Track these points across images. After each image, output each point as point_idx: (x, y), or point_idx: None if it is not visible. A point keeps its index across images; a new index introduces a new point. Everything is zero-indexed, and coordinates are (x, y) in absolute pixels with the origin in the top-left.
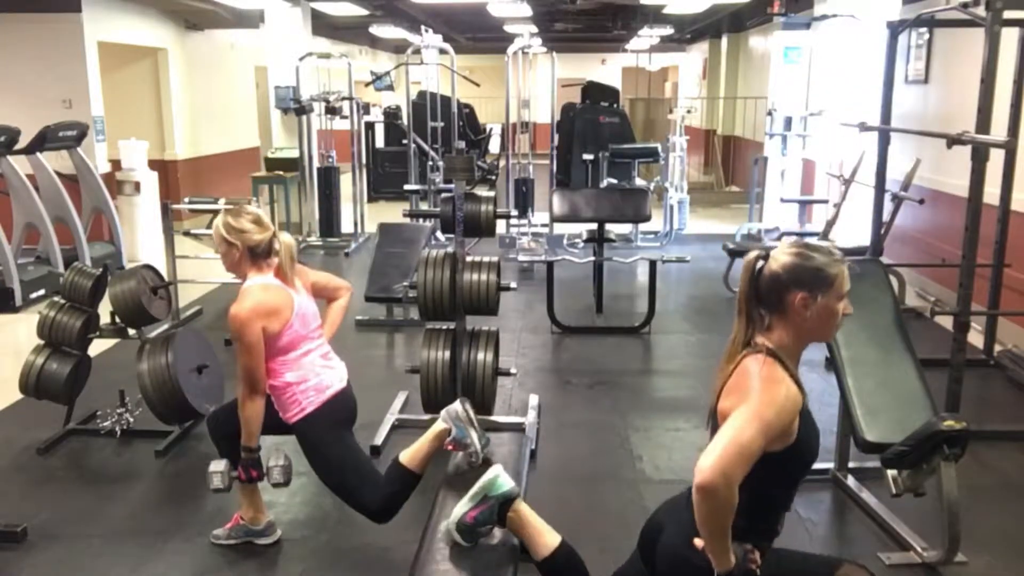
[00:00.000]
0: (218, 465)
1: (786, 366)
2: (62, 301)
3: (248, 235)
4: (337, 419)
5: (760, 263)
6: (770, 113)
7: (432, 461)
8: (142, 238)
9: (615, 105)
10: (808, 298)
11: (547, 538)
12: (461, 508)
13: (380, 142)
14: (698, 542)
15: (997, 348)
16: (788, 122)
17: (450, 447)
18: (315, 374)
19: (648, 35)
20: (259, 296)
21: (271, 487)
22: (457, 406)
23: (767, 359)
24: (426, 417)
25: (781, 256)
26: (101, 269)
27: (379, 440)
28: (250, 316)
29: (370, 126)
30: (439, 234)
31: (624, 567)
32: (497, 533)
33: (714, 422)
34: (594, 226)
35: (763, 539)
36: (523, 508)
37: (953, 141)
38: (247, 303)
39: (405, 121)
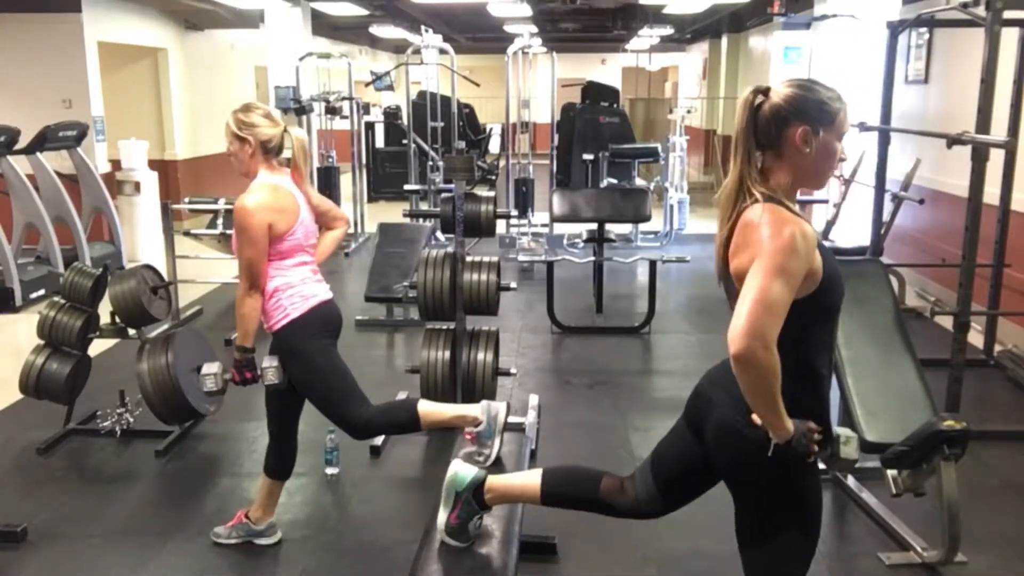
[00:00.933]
0: (211, 367)
1: (790, 208)
2: (62, 301)
3: (260, 130)
4: (321, 326)
5: (760, 98)
6: None
7: (433, 460)
8: (142, 238)
9: (615, 105)
10: (809, 132)
11: (531, 483)
12: (442, 515)
13: (380, 142)
14: (755, 418)
15: (997, 348)
16: None
17: (469, 436)
18: (302, 282)
19: (648, 35)
20: (269, 193)
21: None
22: (501, 410)
23: (767, 205)
24: None
25: (783, 89)
26: (101, 269)
27: (379, 440)
28: (257, 208)
29: (370, 126)
30: (439, 234)
31: (670, 441)
32: (497, 532)
33: (727, 283)
34: (594, 226)
35: (817, 399)
36: (496, 482)
37: (953, 141)
38: (256, 197)
39: (405, 121)
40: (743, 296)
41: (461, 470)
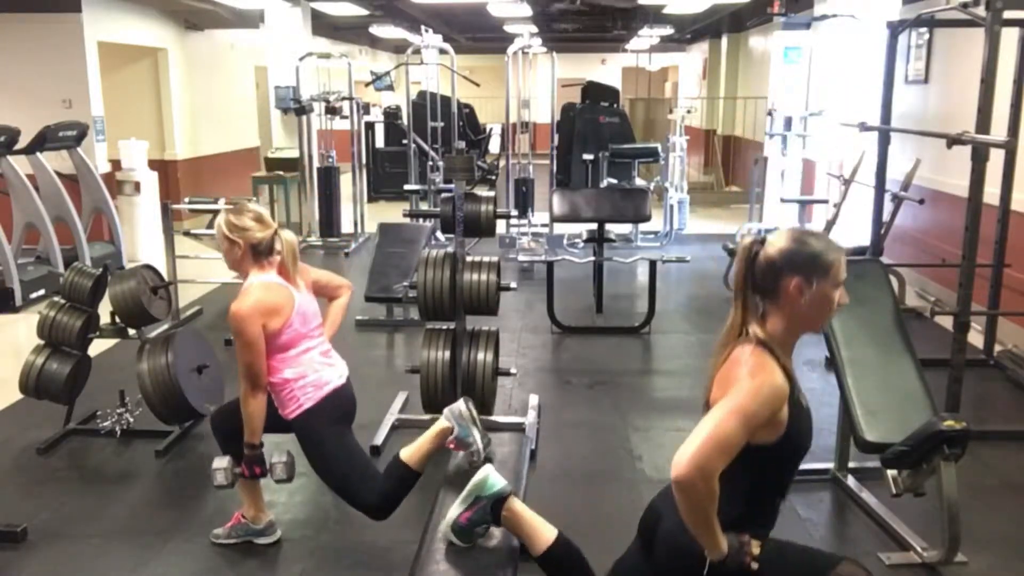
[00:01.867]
0: (221, 462)
1: (776, 356)
2: (62, 301)
3: (250, 233)
4: (336, 415)
5: (756, 248)
6: (770, 113)
7: (432, 460)
8: (142, 238)
9: (615, 105)
10: (803, 284)
11: (544, 533)
12: (455, 511)
13: (380, 142)
14: None
15: (997, 348)
16: (788, 122)
17: (452, 446)
18: (314, 371)
19: (648, 35)
20: (260, 294)
21: (274, 484)
22: (460, 405)
23: (755, 349)
24: (426, 417)
25: (777, 241)
26: (101, 269)
27: (379, 440)
28: (251, 313)
29: (370, 126)
30: (439, 234)
31: (624, 556)
32: (496, 533)
33: (707, 407)
34: (594, 226)
35: (758, 528)
36: (517, 505)
37: (953, 141)
38: (248, 301)
39: (405, 121)
40: (701, 425)
41: (492, 476)
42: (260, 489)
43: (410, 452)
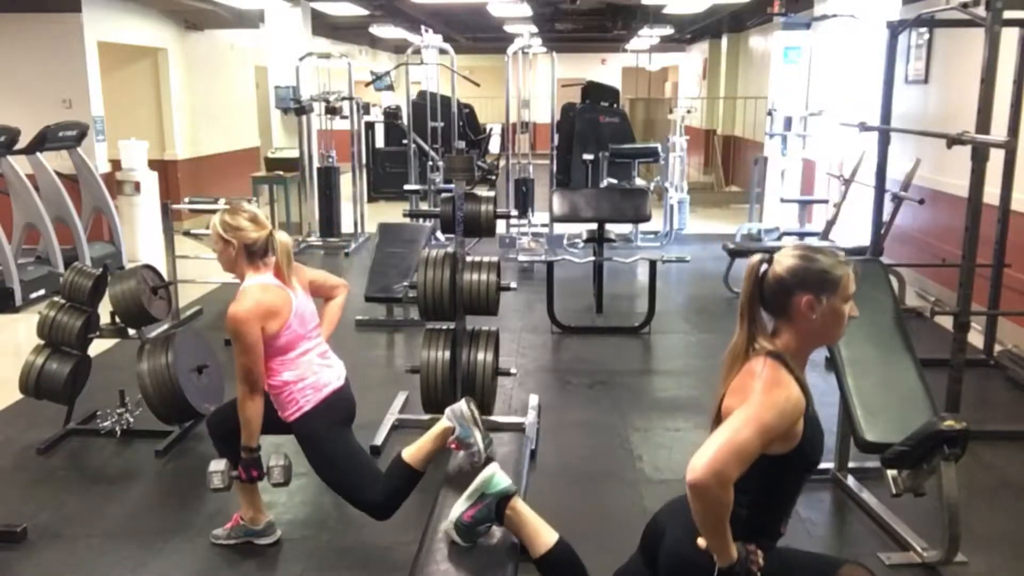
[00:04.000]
0: (218, 465)
1: (791, 369)
2: (62, 301)
3: (244, 233)
4: (335, 417)
5: (764, 267)
6: (770, 113)
7: (434, 460)
8: (142, 238)
9: (615, 105)
10: (814, 300)
11: (545, 536)
12: (459, 507)
13: (380, 142)
14: (701, 542)
15: (997, 348)
16: (788, 122)
17: (453, 446)
18: (312, 372)
19: (648, 35)
20: (257, 296)
21: (271, 487)
22: (461, 405)
23: (771, 361)
24: (426, 417)
25: (785, 259)
26: (101, 269)
27: (379, 440)
28: (248, 316)
29: (370, 126)
30: (439, 234)
31: (625, 567)
32: (496, 533)
33: (718, 422)
34: (594, 226)
35: (767, 538)
36: (521, 506)
37: (953, 141)
38: (245, 303)
39: (405, 121)
40: (718, 432)
41: (498, 475)
42: (258, 491)
43: (412, 452)
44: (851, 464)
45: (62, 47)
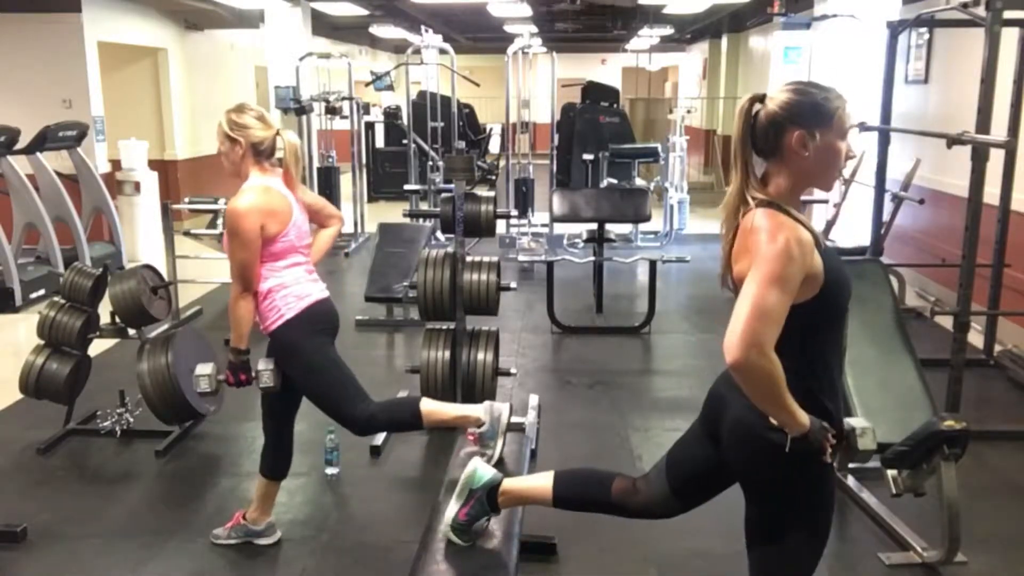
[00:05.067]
0: (205, 368)
1: (788, 212)
2: (62, 301)
3: (251, 131)
4: (317, 326)
5: (756, 106)
6: None
7: (434, 460)
8: (142, 238)
9: (615, 105)
10: (805, 135)
11: (544, 487)
12: (451, 509)
13: (380, 142)
14: (772, 419)
15: (997, 348)
16: None
17: (471, 437)
18: (296, 282)
19: (648, 35)
20: (260, 195)
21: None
22: (504, 410)
23: (766, 211)
24: None
25: (777, 95)
26: (101, 269)
27: (379, 440)
28: (249, 211)
29: (370, 126)
30: (439, 234)
31: (686, 445)
32: (497, 533)
33: (734, 288)
34: (594, 226)
35: (831, 395)
36: (509, 486)
37: (953, 141)
38: (247, 198)
39: (405, 121)
40: (739, 304)
41: (480, 468)
42: (275, 493)
43: (429, 408)
44: (851, 464)
45: (62, 47)
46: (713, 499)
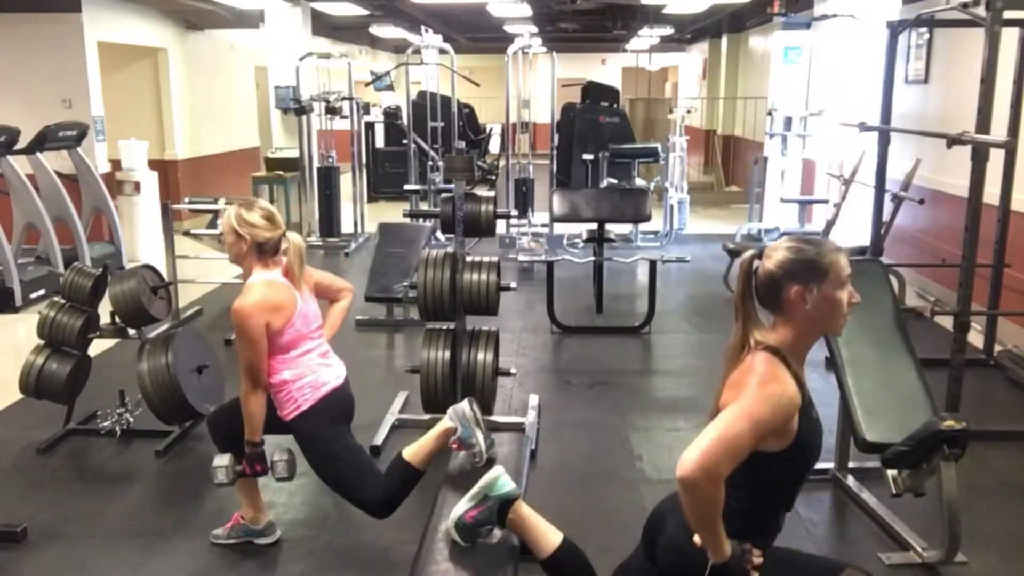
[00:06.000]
0: (222, 460)
1: (788, 364)
2: (62, 301)
3: (258, 230)
4: (334, 416)
5: (756, 263)
6: (770, 113)
7: (434, 460)
8: (142, 238)
9: (615, 105)
10: (803, 290)
11: (550, 537)
12: (461, 507)
13: (380, 142)
14: (696, 539)
15: (997, 348)
16: (788, 122)
17: (454, 446)
18: (312, 371)
19: (648, 35)
20: (263, 292)
21: (276, 483)
22: (464, 406)
23: (767, 356)
24: (426, 417)
25: (774, 253)
26: (101, 269)
27: (379, 440)
28: (253, 310)
29: (370, 126)
30: (439, 234)
31: (628, 561)
32: (497, 533)
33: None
34: (594, 226)
35: (763, 537)
36: (524, 509)
37: (953, 141)
38: (251, 297)
39: (405, 121)
40: (710, 426)
41: (503, 478)
42: (258, 490)
43: (413, 451)
44: (851, 464)
45: (62, 47)
46: None
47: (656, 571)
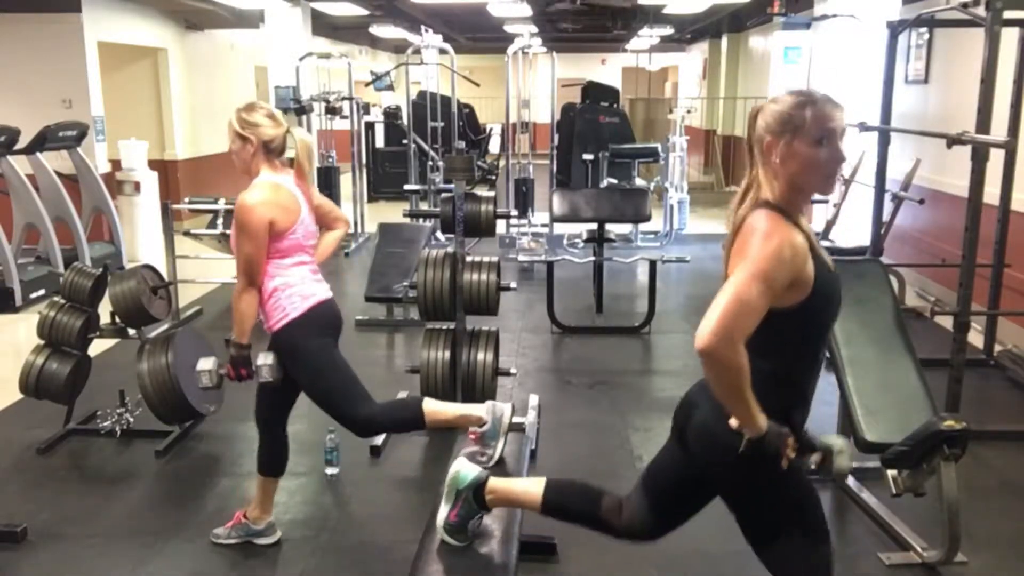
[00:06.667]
0: (207, 363)
1: (788, 216)
2: (62, 301)
3: (262, 129)
4: (321, 326)
5: (757, 112)
6: None
7: (433, 460)
8: (142, 238)
9: (615, 105)
10: (773, 143)
11: (533, 492)
12: (442, 512)
13: (380, 142)
14: (732, 421)
15: (997, 348)
16: None
17: (473, 436)
18: (301, 281)
19: (648, 35)
20: (270, 191)
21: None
22: (507, 411)
23: (766, 212)
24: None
25: (769, 104)
26: (101, 269)
27: (379, 440)
28: (258, 205)
29: (370, 126)
30: (439, 234)
31: (660, 453)
32: (495, 532)
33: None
34: (594, 226)
35: (798, 407)
36: (497, 483)
37: (953, 141)
38: (257, 192)
39: (405, 121)
40: (719, 295)
41: (463, 468)
42: (274, 491)
43: (432, 408)
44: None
45: (62, 47)
46: (713, 500)
47: (689, 458)
